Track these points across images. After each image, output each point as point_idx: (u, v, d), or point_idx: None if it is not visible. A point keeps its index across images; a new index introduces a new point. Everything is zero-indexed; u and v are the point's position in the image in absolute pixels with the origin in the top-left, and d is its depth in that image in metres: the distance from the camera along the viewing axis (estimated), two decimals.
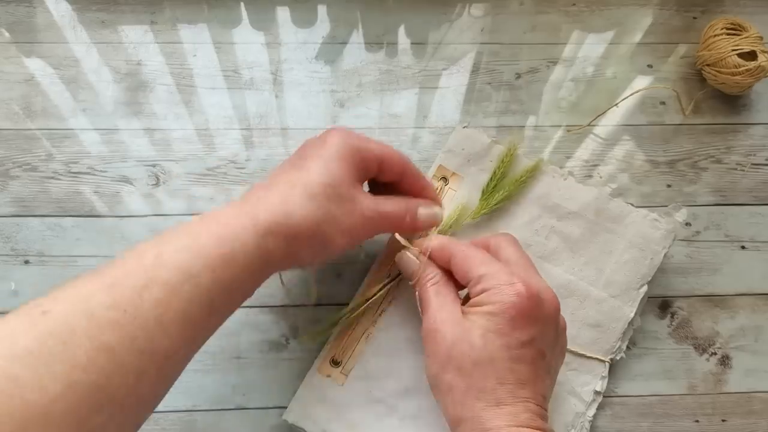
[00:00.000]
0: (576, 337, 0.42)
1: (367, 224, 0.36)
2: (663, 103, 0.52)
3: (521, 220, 0.44)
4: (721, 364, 0.44)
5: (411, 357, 0.41)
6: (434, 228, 0.41)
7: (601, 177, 0.49)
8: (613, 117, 0.51)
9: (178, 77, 0.51)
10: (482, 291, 0.34)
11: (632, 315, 0.42)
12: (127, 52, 0.52)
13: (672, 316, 0.45)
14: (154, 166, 0.48)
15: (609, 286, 0.43)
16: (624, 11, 0.56)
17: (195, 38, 0.53)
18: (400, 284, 0.42)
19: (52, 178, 0.47)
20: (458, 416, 0.33)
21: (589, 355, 0.41)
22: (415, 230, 0.39)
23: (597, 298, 0.42)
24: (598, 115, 0.51)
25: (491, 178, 0.45)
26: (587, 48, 0.54)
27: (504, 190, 0.44)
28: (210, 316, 0.30)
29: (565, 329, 0.37)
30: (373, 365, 0.41)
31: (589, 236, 0.44)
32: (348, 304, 0.42)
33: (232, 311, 0.32)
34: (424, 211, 0.39)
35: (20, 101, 0.49)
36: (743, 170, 0.50)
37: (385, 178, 0.39)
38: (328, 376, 0.40)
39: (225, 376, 0.43)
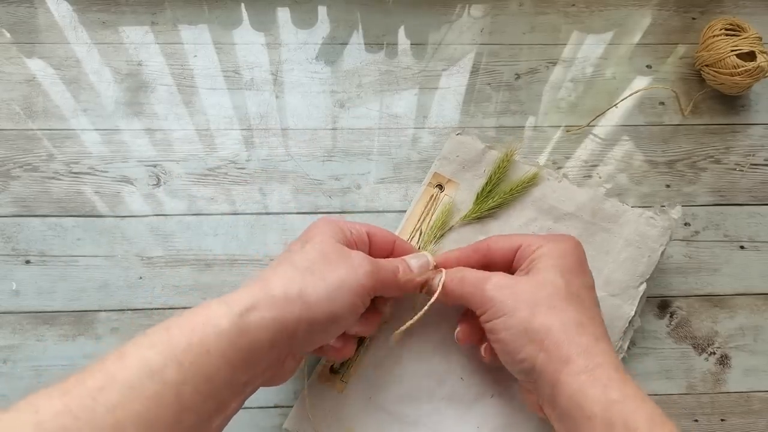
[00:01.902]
0: None
1: (363, 279, 0.33)
2: (662, 103, 0.52)
3: (517, 223, 0.45)
4: (720, 364, 0.44)
5: (410, 364, 0.41)
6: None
7: (600, 177, 0.49)
8: (612, 117, 0.51)
9: (179, 78, 0.51)
10: (537, 248, 0.36)
11: (632, 313, 0.42)
12: (128, 53, 0.52)
13: (671, 316, 0.45)
14: (154, 166, 0.48)
15: (608, 285, 0.43)
16: (623, 12, 0.56)
17: (195, 39, 0.53)
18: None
19: (53, 178, 0.47)
20: (564, 356, 0.31)
21: None
22: (413, 282, 0.38)
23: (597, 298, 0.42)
24: (598, 116, 0.51)
25: (487, 183, 0.45)
26: (586, 48, 0.54)
27: (498, 197, 0.44)
28: (181, 414, 0.26)
29: None
30: (372, 373, 0.41)
31: (586, 237, 0.44)
32: None
33: (221, 409, 0.29)
34: (414, 261, 0.38)
35: (21, 101, 0.50)
36: (742, 170, 0.50)
37: (377, 251, 0.38)
38: (328, 383, 0.41)
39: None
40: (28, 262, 0.45)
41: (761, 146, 0.51)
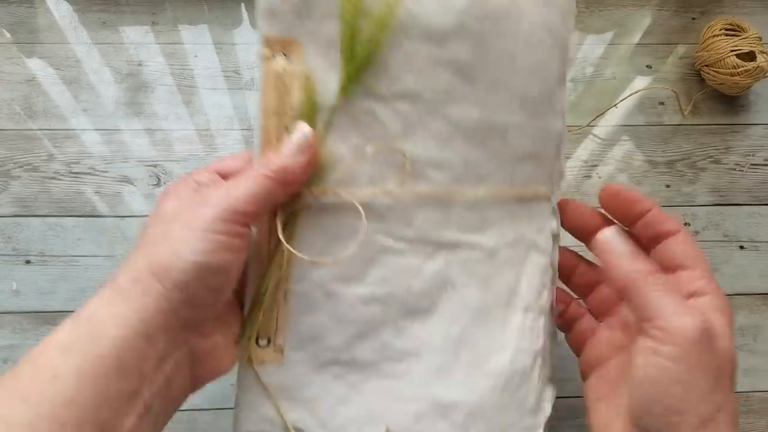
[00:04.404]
0: (511, 179, 0.33)
1: (216, 209, 0.26)
2: (662, 103, 0.52)
3: (397, 68, 0.30)
4: None
5: (345, 298, 0.31)
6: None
7: (600, 177, 0.49)
8: (612, 117, 0.51)
9: (179, 78, 0.51)
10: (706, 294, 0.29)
11: (560, 125, 0.34)
12: (128, 53, 0.52)
13: None
14: (155, 166, 0.48)
15: (524, 105, 0.32)
16: (623, 12, 0.56)
17: (196, 39, 0.53)
18: (293, 220, 0.31)
19: (53, 178, 0.47)
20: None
21: (532, 193, 0.33)
22: (296, 164, 0.28)
23: (518, 125, 0.32)
24: (598, 116, 0.51)
25: (342, 25, 0.29)
26: (586, 48, 0.54)
27: (367, 41, 0.29)
28: None
29: None
30: (306, 326, 0.32)
31: (480, 53, 0.31)
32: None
33: (105, 429, 0.24)
34: (285, 147, 0.28)
35: (21, 101, 0.50)
36: (742, 170, 0.50)
37: (234, 168, 0.31)
38: (262, 361, 0.32)
39: (225, 375, 0.43)
40: (28, 262, 0.45)
41: (761, 146, 0.51)
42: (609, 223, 0.32)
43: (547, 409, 0.33)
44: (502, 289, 0.33)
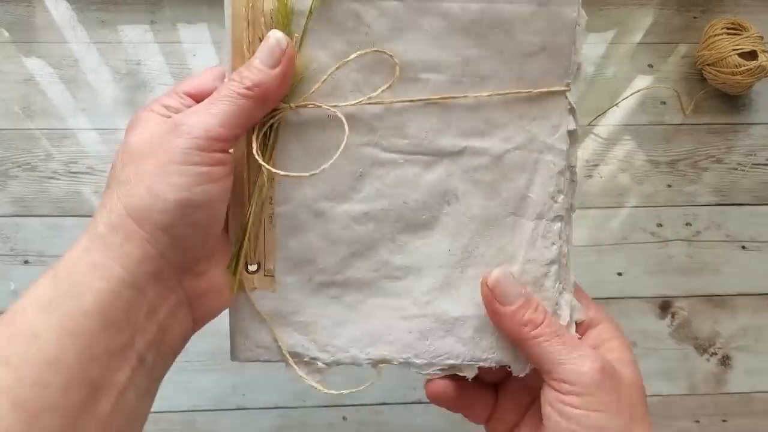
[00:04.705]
0: (519, 77, 0.30)
1: (184, 138, 0.24)
2: (663, 102, 0.52)
3: None
4: (721, 365, 0.44)
5: (335, 217, 0.31)
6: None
7: (601, 177, 0.49)
8: (614, 117, 0.51)
9: (178, 77, 0.51)
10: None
11: (574, 15, 0.30)
12: (127, 52, 0.52)
13: (672, 317, 0.45)
14: None
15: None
16: (624, 11, 0.56)
17: (195, 38, 0.52)
18: (272, 138, 0.29)
19: (52, 178, 0.47)
20: None
21: (544, 90, 0.30)
22: (268, 77, 0.25)
23: (524, 15, 0.29)
24: (599, 115, 0.51)
25: None
26: (588, 48, 0.54)
27: None
28: (34, 420, 0.21)
29: None
30: (296, 248, 0.31)
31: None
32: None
33: (97, 389, 0.22)
34: (256, 59, 0.25)
35: (20, 101, 0.49)
36: (744, 170, 0.50)
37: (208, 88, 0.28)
38: (253, 288, 0.31)
39: (225, 375, 0.42)
40: (26, 262, 0.45)
41: (762, 146, 0.51)
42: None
43: (564, 315, 0.31)
44: (511, 196, 0.31)
